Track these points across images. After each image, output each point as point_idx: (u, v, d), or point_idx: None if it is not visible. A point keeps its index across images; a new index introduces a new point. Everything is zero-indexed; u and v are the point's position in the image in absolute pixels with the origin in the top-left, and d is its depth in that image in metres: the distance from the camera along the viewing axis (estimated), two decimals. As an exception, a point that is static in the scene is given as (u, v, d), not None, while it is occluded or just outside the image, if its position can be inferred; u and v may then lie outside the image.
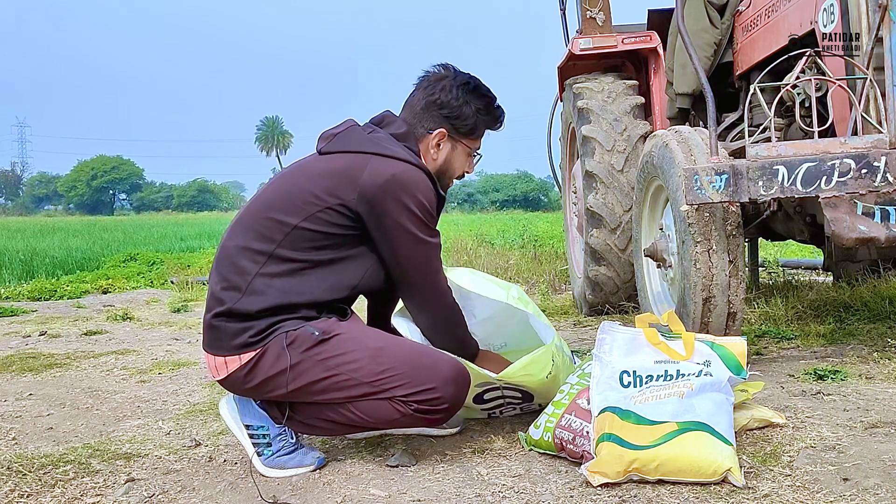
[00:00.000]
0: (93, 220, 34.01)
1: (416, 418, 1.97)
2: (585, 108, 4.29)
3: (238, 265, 2.00)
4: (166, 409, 2.80)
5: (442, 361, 2.00)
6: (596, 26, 4.62)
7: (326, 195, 1.99)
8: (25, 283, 8.08)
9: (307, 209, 1.99)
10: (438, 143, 2.18)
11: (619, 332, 2.02)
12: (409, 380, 1.94)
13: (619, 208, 4.17)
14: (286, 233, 1.99)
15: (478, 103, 2.19)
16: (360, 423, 2.00)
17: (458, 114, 2.16)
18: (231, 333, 1.98)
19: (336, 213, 1.99)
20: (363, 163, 2.01)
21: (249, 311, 1.96)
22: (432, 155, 2.19)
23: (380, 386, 1.94)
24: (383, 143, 2.07)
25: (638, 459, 1.79)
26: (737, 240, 2.62)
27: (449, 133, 2.18)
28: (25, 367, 3.60)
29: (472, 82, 2.20)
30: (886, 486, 1.71)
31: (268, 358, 1.96)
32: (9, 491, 1.95)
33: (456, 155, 2.22)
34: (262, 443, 2.04)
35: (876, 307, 3.57)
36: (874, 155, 2.37)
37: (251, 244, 2.01)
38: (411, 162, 2.04)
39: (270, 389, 2.00)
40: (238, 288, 1.98)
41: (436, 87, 2.17)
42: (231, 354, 1.99)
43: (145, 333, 4.72)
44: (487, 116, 2.22)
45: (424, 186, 2.03)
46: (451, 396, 1.97)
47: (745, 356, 1.99)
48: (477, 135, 2.23)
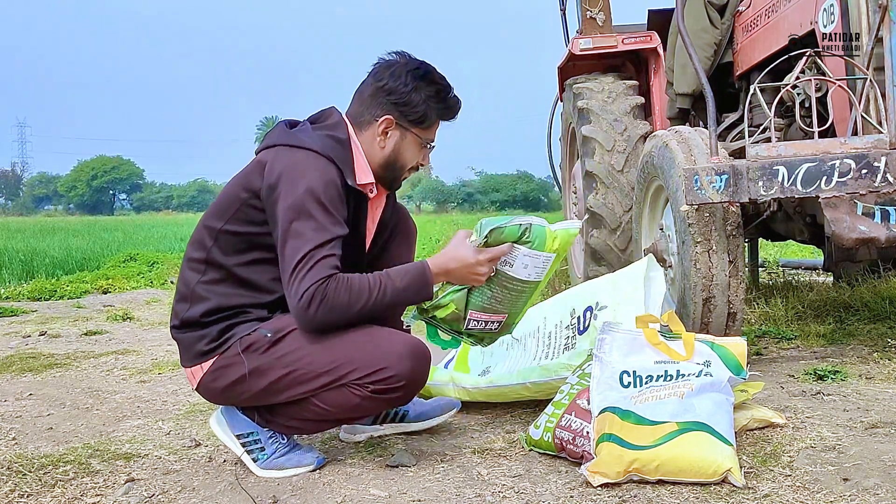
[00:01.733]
0: (93, 220, 33.99)
1: (376, 400, 1.94)
2: (585, 108, 4.29)
3: (184, 277, 2.06)
4: (166, 409, 2.80)
5: (396, 340, 1.95)
6: (596, 26, 4.62)
7: (242, 191, 2.00)
8: (25, 283, 8.07)
9: (230, 210, 2.01)
10: (386, 131, 2.08)
11: (619, 333, 2.02)
12: (360, 363, 1.91)
13: (619, 208, 4.17)
14: (214, 238, 2.02)
15: (428, 90, 2.07)
16: (328, 415, 1.98)
17: (407, 100, 2.06)
18: (188, 344, 2.03)
19: (252, 208, 1.98)
20: (272, 154, 1.99)
21: (194, 317, 2.00)
22: (379, 143, 2.09)
23: (334, 374, 1.93)
24: (298, 136, 2.01)
25: (638, 459, 1.79)
26: (737, 240, 2.62)
27: (397, 121, 2.07)
28: (25, 367, 3.60)
29: (422, 68, 2.08)
30: (886, 486, 1.71)
31: (226, 365, 1.98)
32: (9, 491, 1.95)
33: (406, 144, 2.11)
34: (255, 448, 2.04)
35: (876, 307, 3.56)
36: (874, 155, 2.37)
37: (192, 254, 2.06)
38: (317, 150, 1.96)
39: (238, 394, 2.01)
40: (186, 298, 2.03)
41: (385, 73, 2.07)
42: (194, 364, 2.04)
43: (145, 333, 4.72)
44: (439, 105, 2.09)
45: (316, 171, 1.93)
46: (407, 373, 1.92)
47: (745, 356, 1.99)
48: (427, 124, 2.11)
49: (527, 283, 2.04)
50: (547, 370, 2.37)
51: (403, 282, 1.94)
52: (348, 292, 1.87)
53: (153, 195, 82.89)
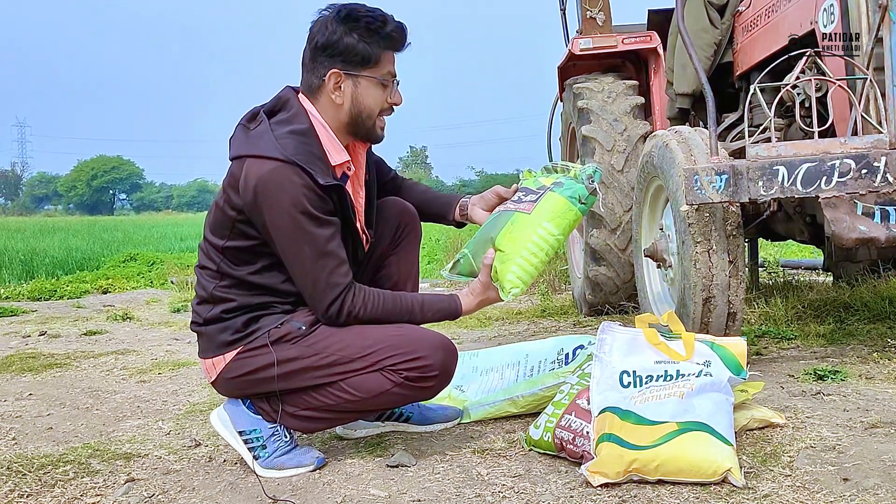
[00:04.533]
0: (93, 220, 33.97)
1: (406, 387, 1.98)
2: (585, 108, 4.29)
3: (201, 283, 2.08)
4: (166, 409, 2.80)
5: (428, 333, 2.02)
6: (596, 26, 4.61)
7: (229, 208, 1.99)
8: (25, 283, 8.08)
9: (225, 228, 2.02)
10: (338, 85, 2.00)
11: (619, 333, 2.02)
12: (397, 350, 1.96)
13: (619, 208, 4.17)
14: (221, 254, 2.03)
15: (358, 28, 1.97)
16: (352, 400, 1.99)
17: (343, 48, 1.97)
18: (212, 335, 2.05)
19: (243, 223, 1.98)
20: (240, 169, 1.96)
21: (217, 314, 2.03)
22: (336, 101, 2.01)
23: (369, 360, 1.96)
24: (260, 142, 1.96)
25: (638, 459, 1.79)
26: (737, 240, 2.62)
27: (343, 71, 1.99)
28: (25, 367, 3.60)
29: (346, 8, 1.99)
30: (886, 486, 1.71)
31: (252, 355, 2.00)
32: (9, 491, 1.95)
33: (363, 91, 2.02)
34: (257, 446, 2.04)
35: (876, 307, 3.56)
36: (874, 155, 2.37)
37: (204, 262, 2.08)
38: (283, 159, 1.91)
39: (261, 382, 2.01)
40: (206, 301, 2.06)
41: (313, 31, 2.01)
42: (217, 355, 2.04)
43: (145, 333, 4.73)
44: (375, 37, 1.99)
45: (290, 184, 1.90)
46: (440, 363, 1.98)
47: (745, 356, 1.99)
48: (374, 61, 2.00)
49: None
50: (532, 382, 2.37)
51: (432, 312, 2.09)
52: (373, 303, 2.01)
53: (153, 195, 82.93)
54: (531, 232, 2.09)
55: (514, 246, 2.09)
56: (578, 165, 2.21)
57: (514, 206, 2.16)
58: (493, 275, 2.09)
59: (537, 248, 2.09)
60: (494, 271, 2.09)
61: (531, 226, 2.10)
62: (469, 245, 2.20)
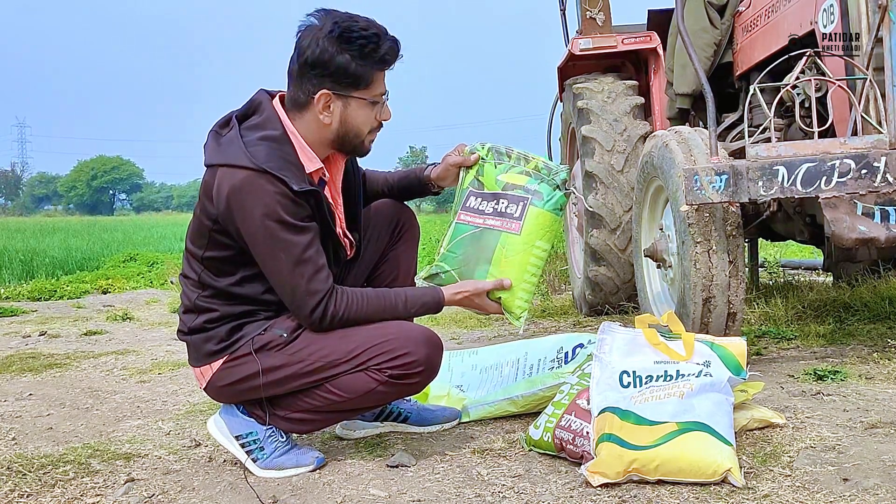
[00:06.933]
0: (93, 221, 34.00)
1: (392, 385, 1.97)
2: (585, 108, 4.29)
3: (185, 292, 2.08)
4: (166, 409, 2.80)
5: (411, 328, 2.01)
6: (596, 26, 4.62)
7: (205, 218, 1.98)
8: (25, 283, 8.08)
9: (203, 238, 2.00)
10: (327, 105, 1.95)
11: (618, 333, 2.02)
12: (381, 350, 1.95)
13: (619, 208, 4.17)
14: (200, 263, 2.02)
15: (352, 50, 1.90)
16: (339, 401, 1.99)
17: (334, 68, 1.91)
18: (197, 345, 2.05)
19: (220, 234, 1.96)
20: (213, 179, 1.94)
21: (201, 324, 2.03)
22: (325, 120, 1.96)
23: (353, 362, 1.96)
24: (232, 150, 1.92)
25: (638, 460, 1.79)
26: (737, 240, 2.62)
27: (333, 91, 1.94)
28: (25, 367, 3.60)
29: (337, 28, 1.90)
30: (886, 486, 1.71)
31: (237, 364, 2.00)
32: (9, 491, 1.95)
33: (352, 112, 1.98)
34: (254, 448, 2.04)
35: (876, 307, 3.56)
36: (874, 155, 2.37)
37: (187, 272, 2.07)
38: (254, 167, 1.87)
39: (249, 390, 2.01)
40: (191, 310, 2.06)
41: (304, 45, 1.92)
42: (203, 364, 2.05)
43: (145, 333, 4.73)
44: (368, 60, 1.93)
45: (263, 192, 1.87)
46: (424, 358, 1.97)
47: (745, 356, 1.99)
48: (366, 83, 1.96)
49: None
50: (532, 382, 2.38)
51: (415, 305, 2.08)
52: (357, 305, 1.99)
53: (153, 195, 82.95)
54: (527, 255, 2.15)
55: (514, 272, 2.15)
56: (540, 158, 2.20)
57: (495, 224, 2.16)
58: (496, 299, 2.17)
59: (535, 269, 2.18)
60: (496, 296, 2.16)
61: (525, 248, 2.15)
62: (448, 260, 2.19)
